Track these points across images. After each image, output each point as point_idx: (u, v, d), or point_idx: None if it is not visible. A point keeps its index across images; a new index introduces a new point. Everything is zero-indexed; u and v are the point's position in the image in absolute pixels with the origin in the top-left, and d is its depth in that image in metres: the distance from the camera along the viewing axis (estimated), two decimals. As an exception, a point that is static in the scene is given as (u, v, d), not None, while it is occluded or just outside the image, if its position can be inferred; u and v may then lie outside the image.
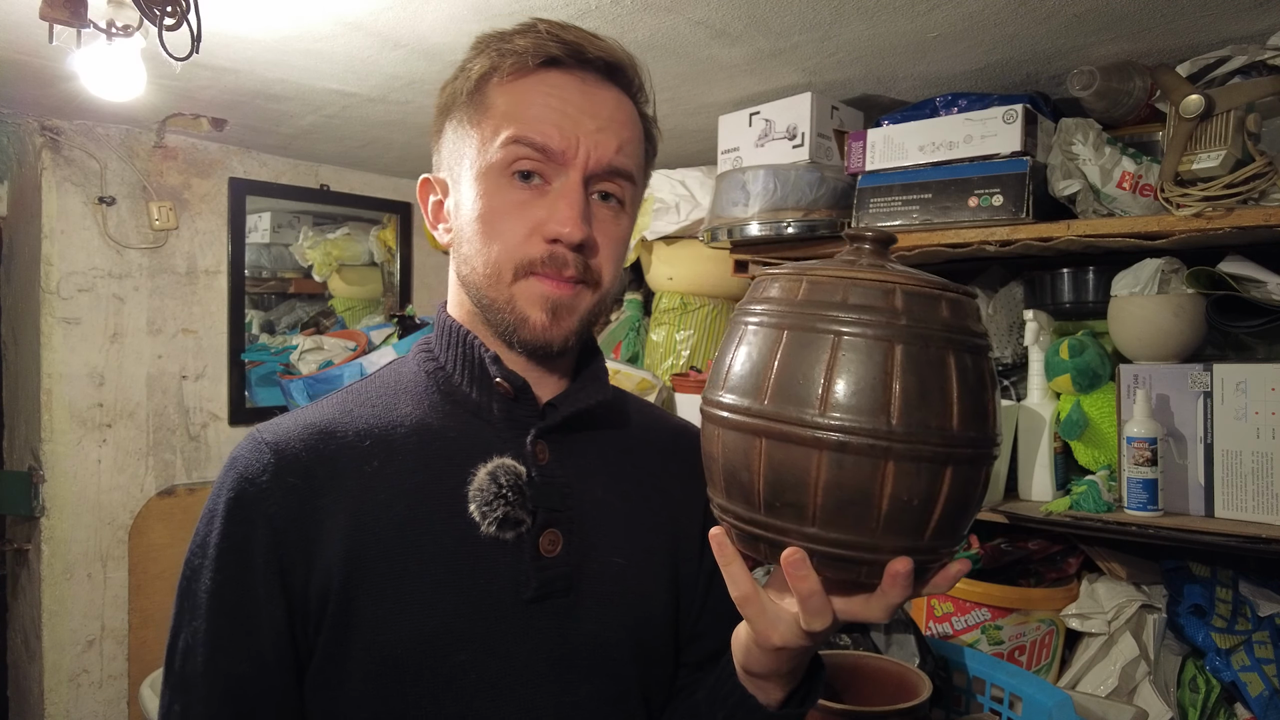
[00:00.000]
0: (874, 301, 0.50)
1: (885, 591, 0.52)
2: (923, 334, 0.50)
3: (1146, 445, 1.24)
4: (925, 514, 0.50)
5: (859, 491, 0.49)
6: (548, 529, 0.68)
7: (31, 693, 2.06)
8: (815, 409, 0.49)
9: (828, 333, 0.50)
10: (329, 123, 1.94)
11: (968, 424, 0.50)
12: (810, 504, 0.50)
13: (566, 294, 0.68)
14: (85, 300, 2.03)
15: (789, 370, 0.51)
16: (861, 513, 0.49)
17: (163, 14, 1.10)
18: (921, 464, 0.48)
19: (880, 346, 0.49)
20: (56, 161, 1.99)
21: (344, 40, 1.40)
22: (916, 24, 1.24)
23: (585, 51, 0.68)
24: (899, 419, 0.48)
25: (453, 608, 0.65)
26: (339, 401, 0.72)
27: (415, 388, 0.73)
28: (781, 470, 0.50)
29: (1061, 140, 1.30)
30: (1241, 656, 1.27)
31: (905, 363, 0.49)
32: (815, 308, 0.52)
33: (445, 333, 0.73)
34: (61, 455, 2.00)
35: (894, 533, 0.50)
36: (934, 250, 1.40)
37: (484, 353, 0.70)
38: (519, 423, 0.71)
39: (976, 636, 1.40)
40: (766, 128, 1.54)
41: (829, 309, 0.51)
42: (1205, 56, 1.22)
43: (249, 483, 0.65)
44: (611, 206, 0.70)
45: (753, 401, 0.52)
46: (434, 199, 0.74)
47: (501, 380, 0.69)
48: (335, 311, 2.54)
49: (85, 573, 2.03)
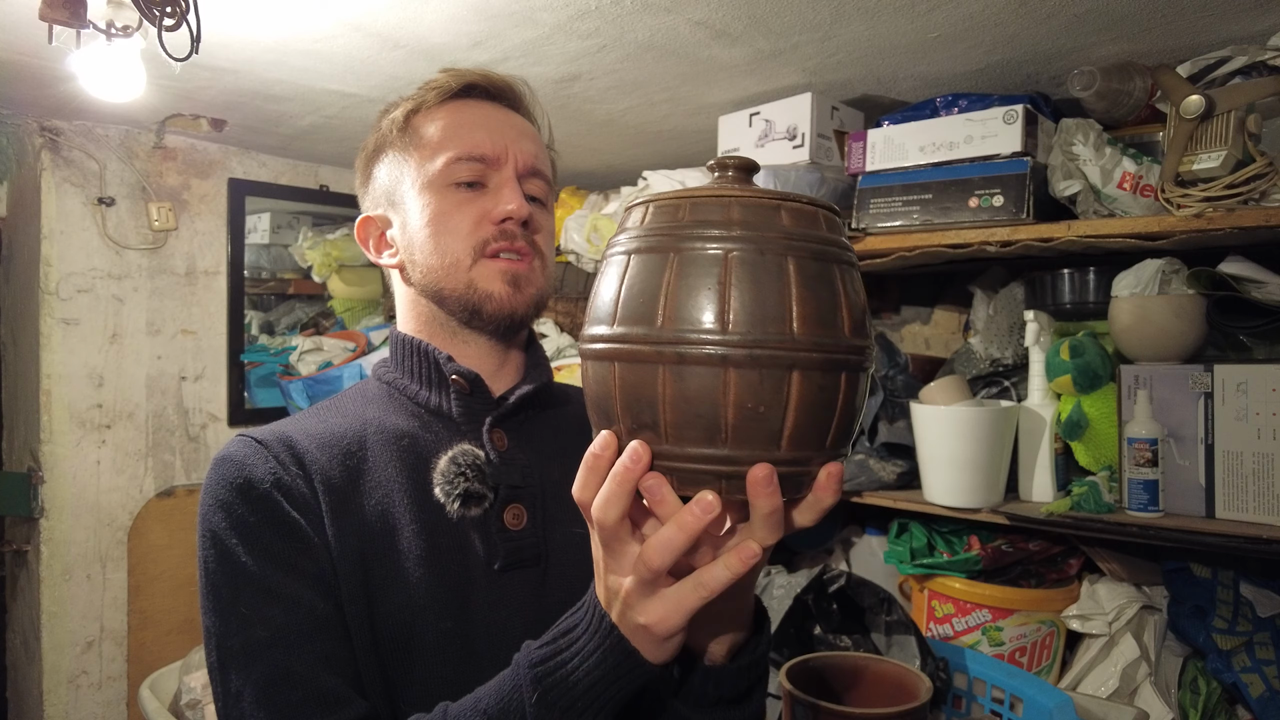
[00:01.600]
0: (712, 215, 0.51)
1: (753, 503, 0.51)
2: (757, 240, 0.50)
3: (1147, 446, 1.24)
4: (775, 420, 0.49)
5: (704, 399, 0.49)
6: (511, 504, 0.75)
7: (31, 694, 2.06)
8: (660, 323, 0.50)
9: (671, 251, 0.51)
10: (329, 123, 1.94)
11: (811, 332, 0.49)
12: (663, 418, 0.50)
13: (523, 268, 0.78)
14: (84, 301, 2.03)
15: (637, 290, 0.51)
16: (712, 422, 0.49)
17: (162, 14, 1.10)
18: (762, 370, 0.48)
19: (715, 255, 0.49)
20: (56, 162, 1.99)
21: (344, 41, 1.40)
22: (917, 24, 1.24)
23: (493, 81, 0.81)
24: (733, 324, 0.48)
25: (435, 579, 0.71)
26: (312, 413, 0.80)
27: (379, 399, 0.81)
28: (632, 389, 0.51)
29: (1062, 141, 1.30)
30: (1242, 658, 1.26)
31: (739, 271, 0.49)
32: (659, 232, 0.52)
33: (400, 346, 0.82)
34: (61, 456, 2.00)
35: (747, 442, 0.49)
36: (935, 251, 1.40)
37: (438, 354, 0.78)
38: (476, 415, 0.78)
39: (977, 638, 1.40)
40: (767, 128, 1.54)
41: (672, 231, 0.51)
42: (1206, 57, 1.22)
43: (249, 466, 0.70)
44: (538, 204, 0.81)
45: (607, 327, 0.52)
46: (375, 235, 0.83)
47: (457, 376, 0.77)
48: (335, 312, 2.54)
49: (84, 574, 2.03)
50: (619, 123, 1.81)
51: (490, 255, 0.76)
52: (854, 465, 1.55)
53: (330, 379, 2.19)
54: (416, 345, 0.79)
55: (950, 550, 1.48)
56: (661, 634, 0.52)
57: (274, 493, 0.69)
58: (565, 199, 2.22)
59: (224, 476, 0.70)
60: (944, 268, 1.72)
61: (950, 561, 1.44)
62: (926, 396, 1.43)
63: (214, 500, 0.69)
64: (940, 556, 1.46)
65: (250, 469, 0.70)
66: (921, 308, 1.95)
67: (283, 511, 0.68)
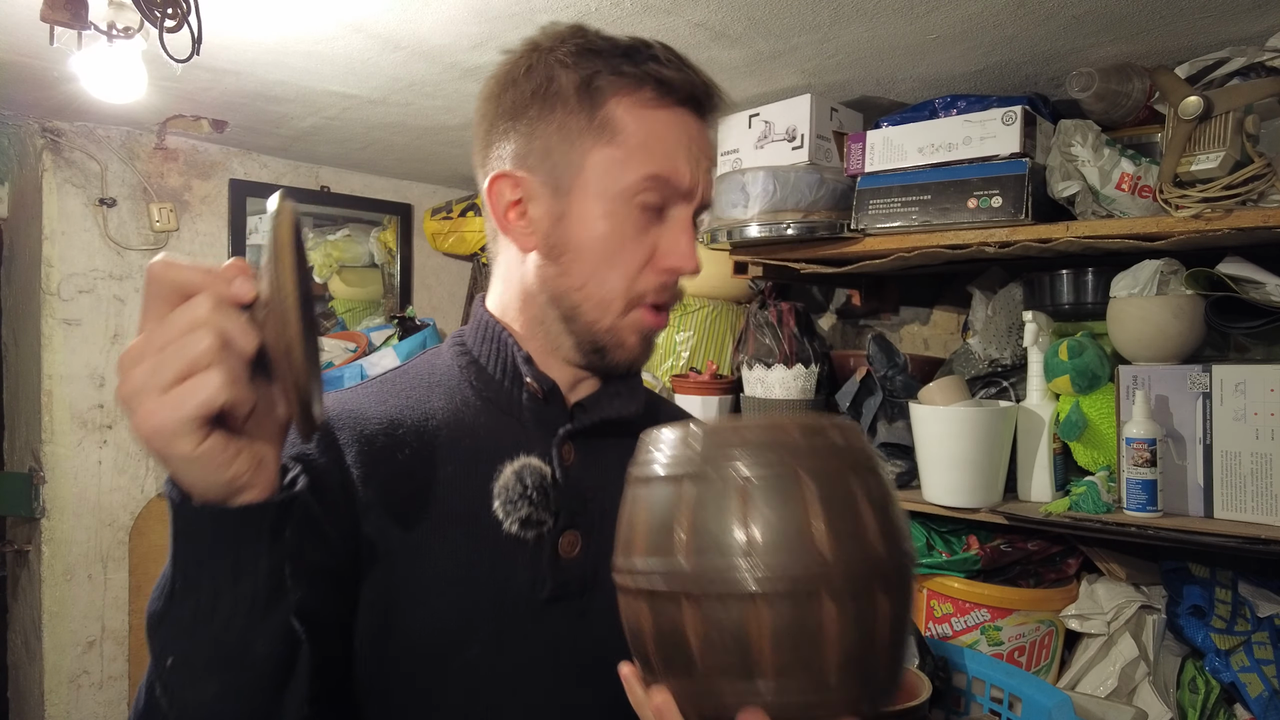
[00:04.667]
0: (726, 446, 0.49)
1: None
2: (774, 469, 0.48)
3: (1145, 446, 1.24)
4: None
5: (734, 636, 0.46)
6: (568, 530, 0.69)
7: (32, 694, 2.06)
8: (679, 555, 0.47)
9: (688, 480, 0.49)
10: (329, 124, 1.94)
11: (840, 554, 0.46)
12: (694, 652, 0.47)
13: (662, 325, 0.72)
14: (86, 301, 2.04)
15: (657, 523, 0.49)
16: (744, 657, 0.46)
17: (163, 16, 1.10)
18: (794, 603, 0.45)
19: (730, 488, 0.47)
20: (57, 163, 2.00)
21: (344, 42, 1.41)
22: (916, 26, 1.25)
23: (714, 93, 0.70)
24: (760, 557, 0.46)
25: (471, 603, 0.66)
26: (374, 389, 0.73)
27: (448, 380, 0.74)
28: (661, 627, 0.48)
29: (1061, 142, 1.30)
30: (1241, 657, 1.27)
31: (757, 500, 0.47)
32: (679, 462, 0.50)
33: (482, 327, 0.74)
34: (62, 456, 2.00)
35: (786, 677, 0.46)
36: (933, 251, 1.41)
37: (517, 352, 0.71)
38: (547, 423, 0.71)
39: (976, 637, 1.40)
40: (766, 129, 1.55)
41: (689, 460, 0.49)
42: (1204, 58, 1.22)
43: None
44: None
45: (629, 560, 0.50)
46: (512, 199, 0.69)
47: (532, 381, 0.70)
48: (335, 313, 2.54)
49: (86, 574, 2.03)
50: (619, 124, 1.81)
51: (643, 305, 0.69)
52: (853, 465, 1.55)
53: (331, 379, 2.19)
54: (498, 334, 0.72)
55: (949, 550, 1.48)
56: None
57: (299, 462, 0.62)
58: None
59: None
60: (943, 268, 1.72)
61: (949, 561, 1.44)
62: (925, 397, 1.44)
63: None
64: (939, 556, 1.47)
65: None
66: (920, 308, 1.96)
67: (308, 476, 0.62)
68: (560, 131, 0.67)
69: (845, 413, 1.61)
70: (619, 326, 0.69)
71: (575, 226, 0.67)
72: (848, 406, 1.61)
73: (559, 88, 0.67)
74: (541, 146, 0.68)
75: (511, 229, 0.70)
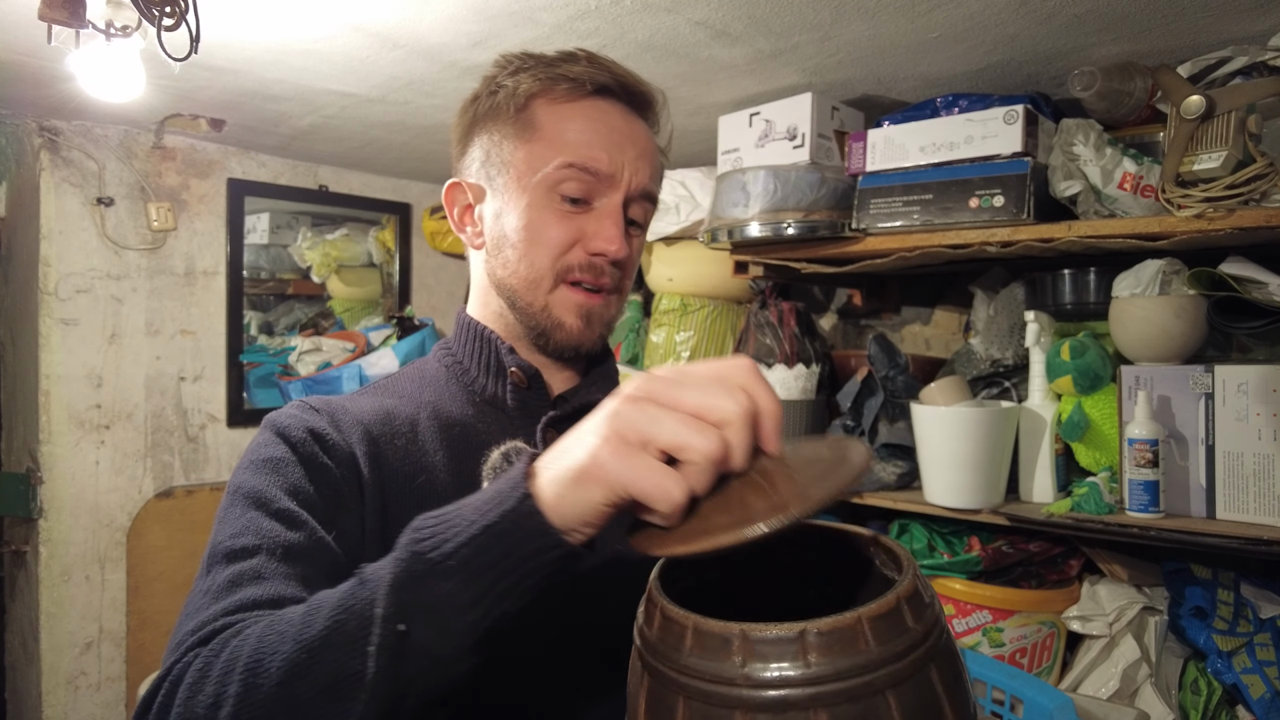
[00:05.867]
0: (785, 659, 0.41)
1: None
2: (848, 690, 0.40)
3: (1148, 447, 1.24)
4: None
5: None
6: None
7: (29, 695, 2.06)
8: None
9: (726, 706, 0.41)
10: (328, 123, 1.93)
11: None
12: None
13: (598, 303, 0.76)
14: (83, 301, 2.03)
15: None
16: None
17: (161, 15, 1.09)
18: None
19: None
20: (55, 162, 1.99)
21: (343, 41, 1.40)
22: (917, 24, 1.24)
23: (630, 85, 0.76)
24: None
25: None
26: (367, 392, 0.79)
27: (436, 381, 0.80)
28: None
29: (1062, 141, 1.30)
30: (1243, 659, 1.26)
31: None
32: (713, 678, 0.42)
33: (465, 330, 0.80)
34: (59, 457, 2.00)
35: None
36: (935, 251, 1.40)
37: (500, 345, 0.77)
38: (531, 411, 0.77)
39: (977, 639, 1.40)
40: (767, 128, 1.54)
41: (729, 681, 0.42)
42: (1206, 57, 1.22)
43: (292, 418, 0.69)
44: (636, 228, 0.78)
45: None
46: (462, 204, 0.79)
47: (516, 369, 0.76)
48: (334, 313, 2.54)
49: (83, 575, 2.03)
50: (619, 123, 1.80)
51: (570, 283, 0.74)
52: (854, 466, 1.55)
53: (329, 379, 2.19)
54: (480, 331, 0.78)
55: (950, 551, 1.48)
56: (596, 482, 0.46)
57: (310, 439, 0.68)
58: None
59: (261, 431, 0.69)
60: (944, 268, 1.72)
61: (950, 562, 1.43)
62: (927, 397, 1.43)
63: (244, 456, 0.68)
64: (940, 557, 1.46)
65: (292, 420, 0.69)
66: (922, 308, 1.95)
67: (311, 452, 0.67)
68: (494, 138, 0.76)
69: (846, 413, 1.60)
70: (551, 304, 0.74)
71: (507, 218, 0.75)
72: (849, 407, 1.60)
73: (497, 103, 0.75)
74: (482, 154, 0.77)
75: (464, 231, 0.79)
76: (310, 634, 0.50)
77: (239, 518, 0.64)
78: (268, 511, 0.64)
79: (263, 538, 0.62)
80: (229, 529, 0.63)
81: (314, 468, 0.67)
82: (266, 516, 0.63)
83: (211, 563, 0.62)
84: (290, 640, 0.50)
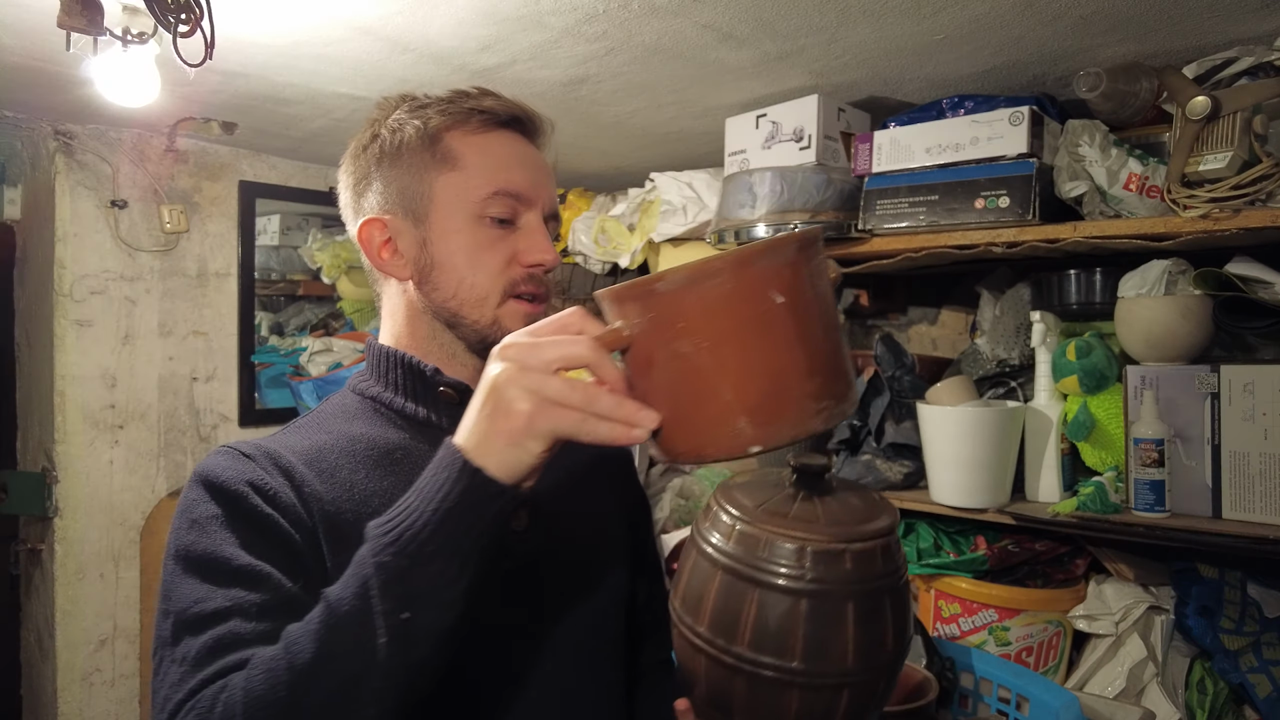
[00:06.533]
0: (786, 560, 0.60)
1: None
2: (824, 591, 0.59)
3: (1153, 446, 1.24)
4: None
5: (770, 708, 0.60)
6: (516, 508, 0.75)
7: (45, 691, 2.08)
8: (740, 643, 0.60)
9: (754, 585, 0.60)
10: (338, 126, 1.95)
11: (862, 659, 0.59)
12: (737, 709, 0.61)
13: (540, 311, 0.80)
14: (97, 302, 2.05)
15: (721, 605, 0.61)
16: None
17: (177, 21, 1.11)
18: (822, 691, 0.59)
19: (787, 599, 0.59)
20: (70, 165, 2.01)
21: (353, 44, 1.42)
22: (923, 26, 1.25)
23: (531, 117, 0.82)
24: (800, 659, 0.58)
25: None
26: (292, 430, 0.78)
27: (363, 413, 0.80)
28: (716, 682, 0.62)
29: (1068, 142, 1.30)
30: (1249, 658, 1.27)
31: (808, 613, 0.58)
32: (744, 561, 0.61)
33: (383, 359, 0.81)
34: (74, 456, 2.02)
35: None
36: (941, 252, 1.41)
37: (424, 367, 0.78)
38: None
39: (984, 637, 1.40)
40: (773, 130, 1.55)
41: (754, 561, 0.60)
42: (1212, 58, 1.22)
43: (224, 470, 0.69)
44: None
45: (695, 622, 0.63)
46: (382, 239, 0.79)
47: (446, 389, 0.78)
48: (344, 313, 2.56)
49: (98, 572, 2.05)
50: (626, 125, 1.82)
51: (515, 296, 0.78)
52: (860, 465, 1.56)
53: (340, 380, 2.21)
54: (401, 358, 0.79)
55: (957, 550, 1.48)
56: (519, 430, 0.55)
57: (250, 491, 0.67)
58: (573, 200, 2.24)
59: (192, 487, 0.68)
60: (950, 269, 1.72)
61: (957, 561, 1.44)
62: (933, 397, 1.44)
63: (180, 516, 0.67)
64: (947, 556, 1.47)
65: (227, 472, 0.68)
66: (928, 308, 1.96)
67: (253, 505, 0.66)
68: (409, 172, 0.78)
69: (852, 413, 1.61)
70: (501, 318, 0.77)
71: (437, 246, 0.77)
72: (855, 407, 1.61)
73: (401, 139, 0.78)
74: (397, 189, 0.79)
75: (387, 265, 0.80)
76: (302, 660, 0.54)
77: (197, 583, 0.63)
78: (226, 571, 0.63)
79: (231, 599, 0.61)
80: (189, 595, 0.62)
81: (258, 519, 0.66)
82: (227, 577, 0.63)
83: (179, 633, 0.61)
84: (282, 673, 0.54)
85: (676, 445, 0.58)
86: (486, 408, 0.56)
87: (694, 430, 0.57)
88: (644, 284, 0.56)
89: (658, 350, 0.57)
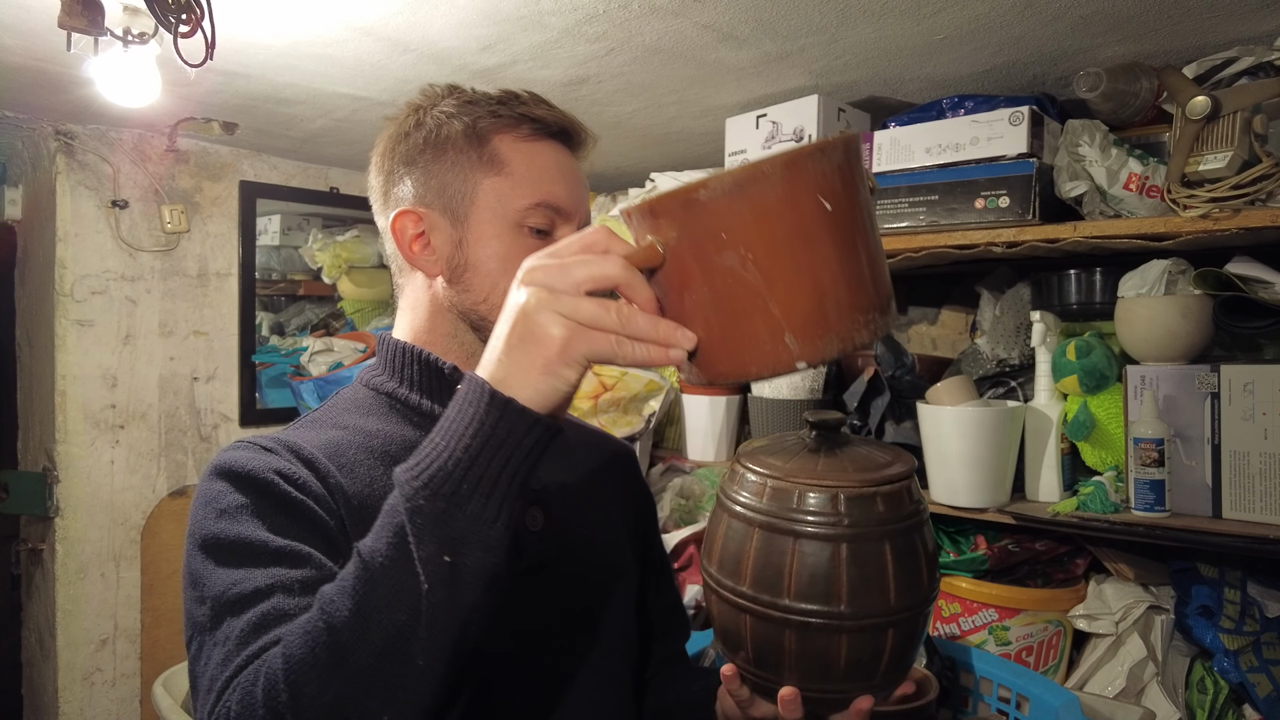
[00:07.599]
0: (822, 508, 0.62)
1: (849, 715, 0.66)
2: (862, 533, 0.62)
3: (1153, 446, 1.24)
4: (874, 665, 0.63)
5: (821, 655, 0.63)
6: (530, 506, 0.77)
7: (45, 691, 2.09)
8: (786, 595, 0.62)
9: (791, 535, 0.62)
10: (339, 126, 1.95)
11: (903, 596, 0.62)
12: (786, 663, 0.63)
13: None
14: (98, 303, 2.05)
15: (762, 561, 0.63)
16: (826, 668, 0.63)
17: (178, 22, 1.11)
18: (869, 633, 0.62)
19: (828, 546, 0.61)
20: (70, 166, 2.02)
21: (354, 45, 1.42)
22: (923, 26, 1.25)
23: (579, 131, 0.81)
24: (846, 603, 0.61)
25: None
26: (306, 425, 0.77)
27: (377, 409, 0.78)
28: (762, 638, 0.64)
29: (1068, 142, 1.30)
30: (1250, 657, 1.27)
31: (850, 557, 0.61)
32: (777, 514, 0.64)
33: (398, 354, 0.79)
34: (75, 456, 2.02)
35: (853, 679, 0.63)
36: (941, 251, 1.41)
37: (442, 364, 0.77)
38: None
39: (984, 637, 1.40)
40: (773, 130, 1.55)
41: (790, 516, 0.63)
42: (1212, 58, 1.22)
43: (247, 461, 0.67)
44: None
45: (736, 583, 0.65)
46: (416, 232, 0.78)
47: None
48: (345, 313, 2.56)
49: (99, 572, 2.05)
50: (627, 125, 1.82)
51: None
52: (861, 465, 1.56)
53: (341, 379, 2.21)
54: (418, 354, 0.78)
55: (957, 550, 1.49)
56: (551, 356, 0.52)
57: (279, 479, 0.65)
58: (573, 200, 2.23)
59: (213, 480, 0.66)
60: (950, 268, 1.72)
61: (957, 561, 1.44)
62: (933, 397, 1.44)
63: (203, 508, 0.65)
64: (947, 556, 1.47)
65: (252, 462, 0.66)
66: (928, 308, 1.96)
67: (285, 491, 0.64)
68: (453, 169, 0.77)
69: (853, 413, 1.61)
70: None
71: (473, 247, 0.76)
72: (855, 406, 1.61)
73: (447, 133, 0.77)
74: (437, 184, 0.77)
75: (418, 259, 0.78)
76: (341, 617, 0.52)
77: (233, 568, 0.60)
78: (265, 553, 0.61)
79: (272, 577, 0.59)
80: (225, 579, 0.60)
81: (290, 505, 0.64)
82: (266, 558, 0.61)
83: (219, 615, 0.59)
84: (321, 634, 0.52)
85: (717, 365, 0.54)
86: (515, 335, 0.53)
87: (737, 348, 0.53)
88: (682, 193, 0.52)
89: (695, 265, 0.52)
